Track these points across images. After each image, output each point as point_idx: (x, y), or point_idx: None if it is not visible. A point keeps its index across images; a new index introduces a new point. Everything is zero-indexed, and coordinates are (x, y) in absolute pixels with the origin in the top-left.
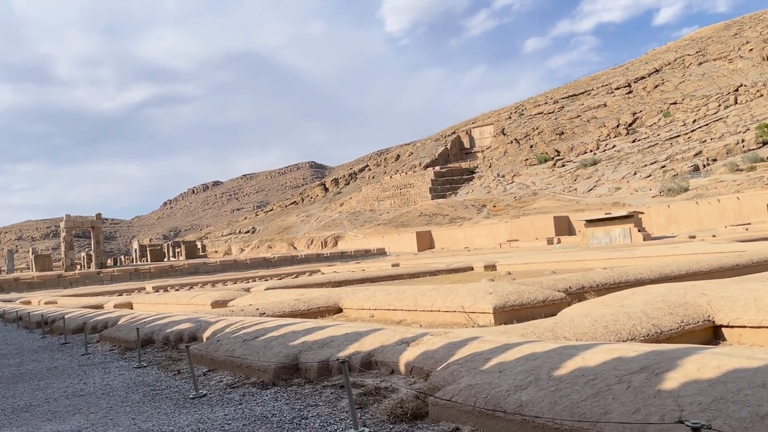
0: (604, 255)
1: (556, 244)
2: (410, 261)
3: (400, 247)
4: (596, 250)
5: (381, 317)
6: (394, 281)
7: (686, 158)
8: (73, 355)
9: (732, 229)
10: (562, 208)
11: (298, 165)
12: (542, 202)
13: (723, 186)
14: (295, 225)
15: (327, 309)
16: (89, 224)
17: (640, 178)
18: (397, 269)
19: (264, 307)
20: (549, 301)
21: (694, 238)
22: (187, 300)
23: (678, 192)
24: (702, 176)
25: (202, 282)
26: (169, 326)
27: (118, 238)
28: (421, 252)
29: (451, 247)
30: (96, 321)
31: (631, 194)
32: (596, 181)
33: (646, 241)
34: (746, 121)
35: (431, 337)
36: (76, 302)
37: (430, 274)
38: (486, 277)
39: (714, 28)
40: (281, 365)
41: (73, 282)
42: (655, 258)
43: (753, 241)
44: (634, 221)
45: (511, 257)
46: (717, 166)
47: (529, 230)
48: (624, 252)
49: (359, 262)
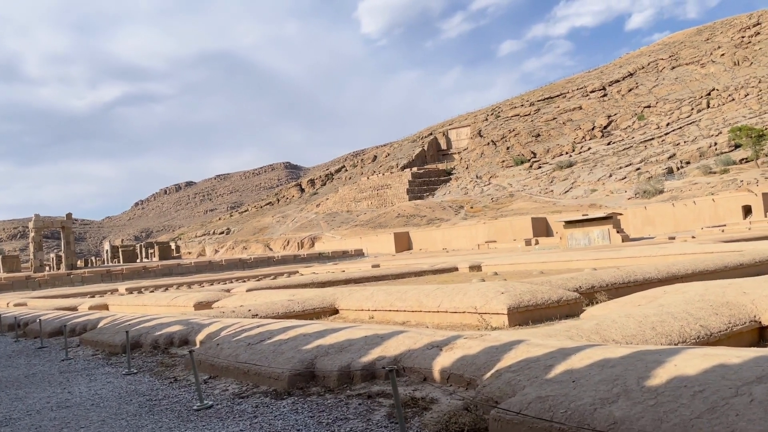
0: (592, 255)
1: (534, 246)
2: (390, 262)
3: (377, 249)
4: (583, 251)
5: (381, 319)
6: (380, 282)
7: (660, 161)
8: (52, 361)
9: (708, 230)
10: (539, 210)
11: (273, 165)
12: (519, 203)
13: (697, 188)
14: (271, 226)
15: (322, 310)
16: (59, 224)
17: (615, 180)
18: (380, 270)
19: (256, 309)
20: (563, 301)
21: (674, 239)
22: (168, 301)
23: (653, 194)
24: (676, 179)
25: (177, 283)
26: (157, 329)
27: (88, 239)
28: (399, 253)
29: (429, 248)
30: (74, 323)
31: (607, 196)
32: (572, 183)
33: (625, 242)
34: (718, 125)
35: (466, 341)
36: (48, 304)
37: (415, 275)
38: (474, 277)
39: (686, 33)
40: (296, 372)
41: (42, 284)
42: (643, 258)
43: (735, 242)
44: (612, 222)
45: (495, 258)
46: (690, 168)
47: (507, 231)
48: (611, 253)
49: (337, 264)
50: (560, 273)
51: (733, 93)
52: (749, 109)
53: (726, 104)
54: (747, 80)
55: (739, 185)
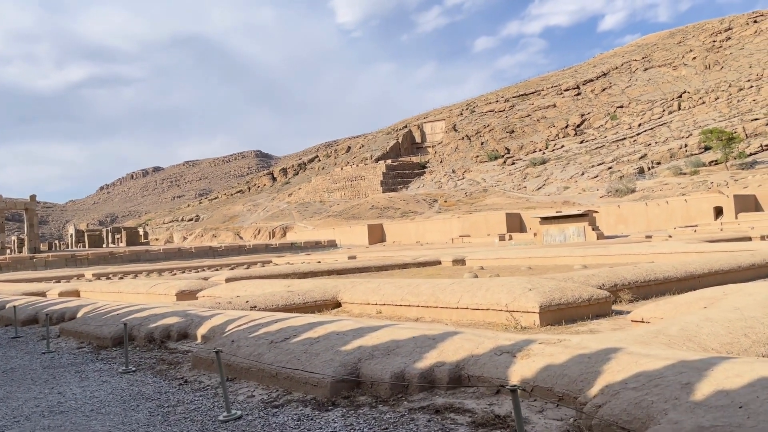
0: (579, 252)
1: (508, 241)
2: (367, 254)
3: (351, 240)
4: (570, 247)
5: (391, 314)
6: (363, 274)
7: (632, 161)
8: (31, 353)
9: (681, 230)
10: (513, 205)
11: (243, 153)
12: (493, 198)
13: (668, 189)
14: (242, 214)
15: (324, 303)
16: (23, 206)
17: (587, 179)
18: (361, 261)
19: (254, 300)
20: (594, 299)
21: (650, 237)
22: (147, 289)
23: (625, 193)
24: (647, 178)
25: (146, 270)
26: (151, 320)
27: (51, 222)
28: (372, 245)
29: (402, 240)
30: (51, 311)
31: (579, 194)
32: (545, 180)
33: (600, 239)
34: (689, 127)
35: (544, 346)
36: (13, 288)
37: (399, 267)
38: (462, 271)
39: (659, 36)
40: (339, 378)
41: (3, 267)
42: (633, 256)
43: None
44: (588, 220)
45: (476, 252)
46: (661, 169)
47: (481, 226)
48: (599, 249)
49: (309, 254)
50: (548, 269)
51: (704, 96)
52: (719, 112)
53: (697, 107)
54: (718, 84)
55: (709, 186)
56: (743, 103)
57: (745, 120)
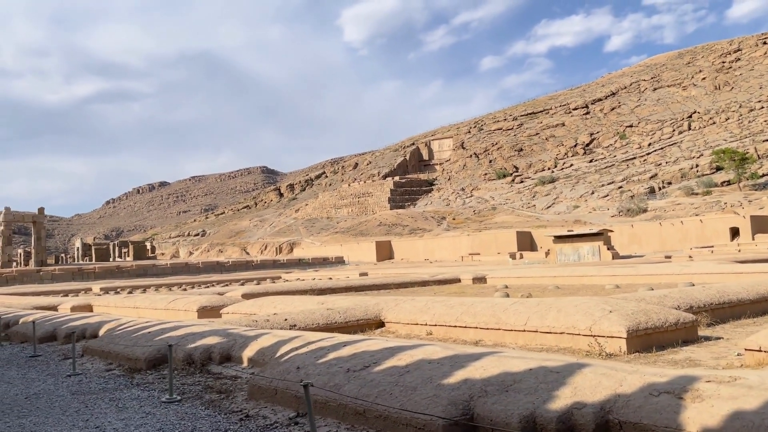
0: (608, 271)
1: (519, 259)
2: (377, 270)
3: (358, 257)
4: (597, 266)
5: (443, 335)
6: (381, 291)
7: (642, 180)
8: (55, 376)
9: (697, 251)
10: (522, 224)
11: (249, 169)
12: (502, 216)
13: (681, 209)
14: (248, 230)
15: (366, 322)
16: (30, 219)
17: (597, 198)
18: (373, 278)
19: (293, 318)
20: (681, 323)
21: (669, 258)
22: (165, 305)
23: (637, 212)
24: (658, 198)
25: (155, 285)
26: (188, 339)
27: (57, 235)
28: (380, 262)
29: (410, 258)
30: (70, 327)
31: (590, 213)
32: (554, 199)
33: (615, 259)
34: (700, 147)
35: (718, 386)
36: (23, 302)
37: (419, 285)
38: (484, 290)
39: (667, 56)
40: (452, 420)
41: (9, 279)
42: (665, 276)
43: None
44: (603, 239)
45: (496, 270)
46: (672, 189)
47: (491, 244)
48: (628, 269)
49: (317, 270)
50: (577, 289)
51: (714, 116)
52: (730, 132)
53: (707, 127)
54: (728, 104)
55: (723, 207)
56: (755, 124)
57: (757, 141)
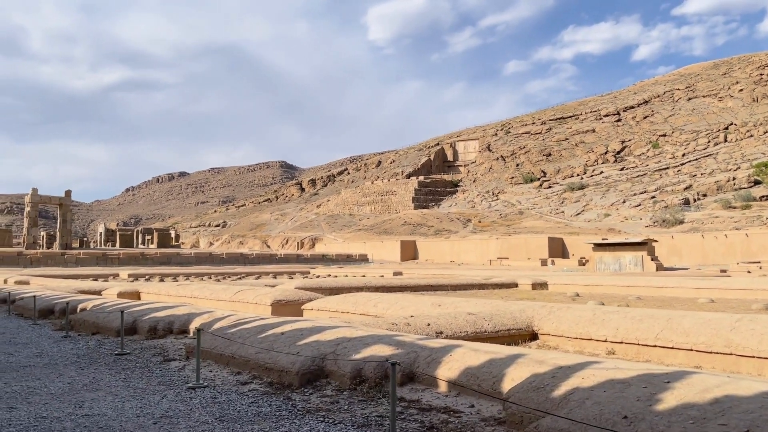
0: (692, 284)
1: (550, 266)
2: (410, 270)
3: (382, 255)
4: (679, 278)
5: (633, 357)
6: (438, 292)
7: (676, 191)
8: (172, 387)
9: (744, 265)
10: (553, 230)
11: (268, 163)
12: (530, 221)
13: (719, 222)
14: (269, 223)
15: (518, 332)
16: (57, 201)
17: (629, 207)
18: (426, 279)
19: (437, 324)
20: None
21: (725, 272)
22: (230, 296)
23: (673, 224)
24: (693, 210)
25: (183, 273)
26: (348, 347)
27: (76, 220)
28: (404, 262)
29: (435, 259)
30: (153, 319)
31: (622, 222)
32: (584, 206)
33: (659, 270)
34: (737, 160)
35: None
36: (63, 285)
37: (477, 287)
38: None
39: (702, 66)
40: None
41: (34, 261)
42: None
43: None
44: (647, 249)
45: (557, 276)
46: (708, 201)
47: (521, 249)
48: (715, 282)
49: (342, 267)
50: (664, 301)
51: (751, 129)
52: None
53: (744, 140)
54: (766, 117)
55: (765, 222)
56: None
57: None
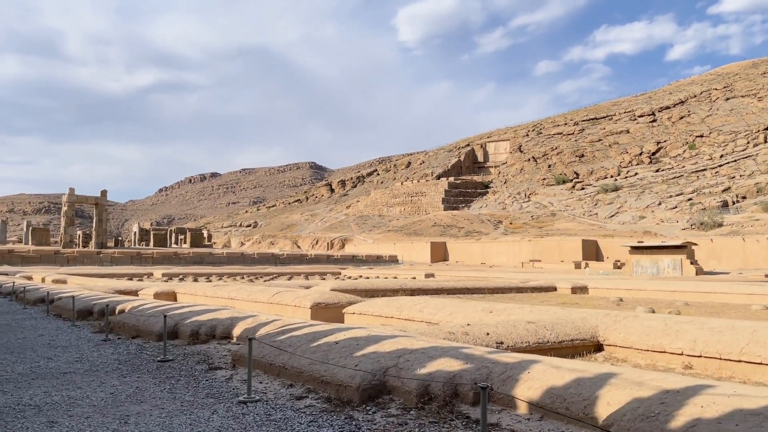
0: (743, 289)
1: (585, 269)
2: (443, 273)
3: (411, 256)
4: (728, 283)
5: (713, 373)
6: (475, 295)
7: (714, 193)
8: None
9: None
10: (586, 232)
11: (298, 164)
12: (563, 223)
13: (760, 225)
14: (299, 223)
15: (582, 343)
16: (93, 201)
17: (665, 209)
18: (463, 281)
19: (497, 333)
20: None
21: None
22: (267, 298)
23: (711, 227)
24: (731, 213)
25: (216, 273)
26: (411, 360)
27: (111, 220)
28: (434, 263)
29: (466, 261)
30: (195, 323)
31: (657, 224)
32: (618, 208)
33: (699, 275)
34: None
35: None
36: (100, 284)
37: (515, 291)
38: (581, 300)
39: (740, 65)
40: None
41: (70, 260)
42: None
43: None
44: (686, 252)
45: (596, 280)
46: (747, 203)
47: (554, 252)
48: (758, 287)
49: (372, 268)
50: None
51: None
52: None
53: None
54: None
55: None
56: None
57: None
